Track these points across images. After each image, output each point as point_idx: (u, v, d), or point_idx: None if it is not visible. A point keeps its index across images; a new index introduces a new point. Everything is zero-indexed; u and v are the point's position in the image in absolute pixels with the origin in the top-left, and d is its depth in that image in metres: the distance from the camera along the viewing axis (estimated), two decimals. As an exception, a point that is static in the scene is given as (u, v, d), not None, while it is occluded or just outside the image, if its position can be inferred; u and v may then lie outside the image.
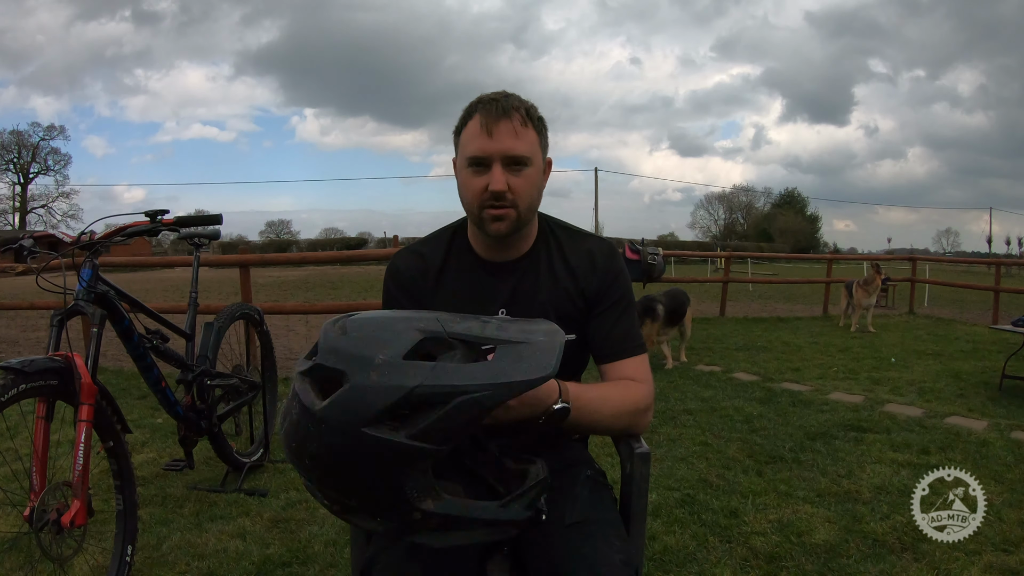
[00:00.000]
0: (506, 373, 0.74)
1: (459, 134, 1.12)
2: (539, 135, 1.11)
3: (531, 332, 0.78)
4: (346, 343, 0.75)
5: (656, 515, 2.36)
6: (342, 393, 0.72)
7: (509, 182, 1.07)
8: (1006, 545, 2.11)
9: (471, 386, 0.72)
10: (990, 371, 5.06)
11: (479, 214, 1.10)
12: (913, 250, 43.35)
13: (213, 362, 2.51)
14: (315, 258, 10.87)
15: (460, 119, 1.13)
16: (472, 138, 1.08)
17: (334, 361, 0.74)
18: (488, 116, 1.07)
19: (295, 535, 2.23)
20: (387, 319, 0.79)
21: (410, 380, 0.72)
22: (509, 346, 0.76)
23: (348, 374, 0.73)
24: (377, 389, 0.71)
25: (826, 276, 10.57)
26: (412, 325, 0.76)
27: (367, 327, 0.78)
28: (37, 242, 1.89)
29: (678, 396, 4.23)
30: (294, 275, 22.36)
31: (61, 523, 1.57)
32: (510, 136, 1.07)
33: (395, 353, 0.73)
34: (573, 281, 1.17)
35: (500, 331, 0.78)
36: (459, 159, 1.13)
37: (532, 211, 1.14)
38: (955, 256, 43.45)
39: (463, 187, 1.12)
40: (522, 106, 1.09)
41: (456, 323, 0.77)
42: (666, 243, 36.00)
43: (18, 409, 1.57)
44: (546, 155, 1.16)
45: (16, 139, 44.61)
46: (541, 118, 1.12)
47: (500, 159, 1.07)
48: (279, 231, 55.99)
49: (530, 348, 0.77)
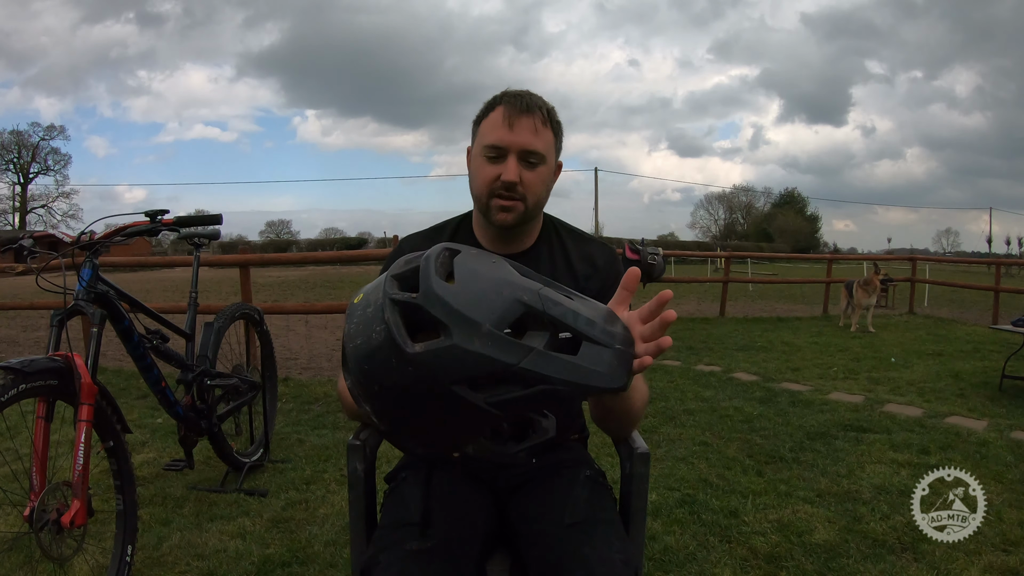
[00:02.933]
0: (589, 376, 0.77)
1: (479, 123, 1.15)
2: (555, 137, 1.15)
3: (612, 335, 0.80)
4: (454, 296, 0.74)
5: (656, 515, 2.36)
6: (442, 347, 0.73)
7: (522, 175, 1.10)
8: (1006, 545, 2.11)
9: (557, 379, 0.75)
10: (990, 371, 5.06)
11: (487, 202, 1.12)
12: (913, 250, 43.38)
13: (213, 362, 2.50)
14: (315, 258, 10.87)
15: (483, 109, 1.15)
16: (493, 128, 1.11)
17: (439, 312, 0.74)
18: (512, 109, 1.10)
19: (295, 535, 2.23)
20: (496, 281, 0.78)
21: (509, 357, 0.73)
22: (595, 347, 0.78)
23: (452, 330, 0.73)
24: (477, 357, 0.73)
25: (826, 276, 10.57)
26: (516, 294, 0.77)
27: (476, 283, 0.77)
28: (37, 242, 1.89)
29: (678, 396, 4.23)
30: (294, 275, 22.35)
31: (61, 523, 1.57)
32: (530, 132, 1.10)
33: (499, 322, 0.74)
34: (574, 282, 1.17)
35: (589, 327, 0.79)
36: (475, 147, 1.15)
37: (539, 208, 1.16)
38: (955, 256, 43.45)
39: (475, 174, 1.14)
40: (544, 106, 1.13)
41: (552, 304, 0.78)
42: (666, 243, 36.00)
43: (18, 409, 1.57)
44: (558, 158, 1.19)
45: (16, 139, 44.65)
46: (559, 122, 1.16)
47: (517, 152, 1.10)
48: (279, 231, 56.02)
49: (611, 355, 0.79)
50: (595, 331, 0.79)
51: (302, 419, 3.71)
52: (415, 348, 0.74)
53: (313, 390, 4.46)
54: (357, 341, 0.78)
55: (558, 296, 0.80)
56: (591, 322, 0.79)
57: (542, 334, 0.77)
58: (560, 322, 0.77)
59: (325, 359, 5.90)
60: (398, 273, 0.80)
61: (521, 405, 0.76)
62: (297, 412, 3.87)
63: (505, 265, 0.83)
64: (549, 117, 1.13)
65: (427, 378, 0.74)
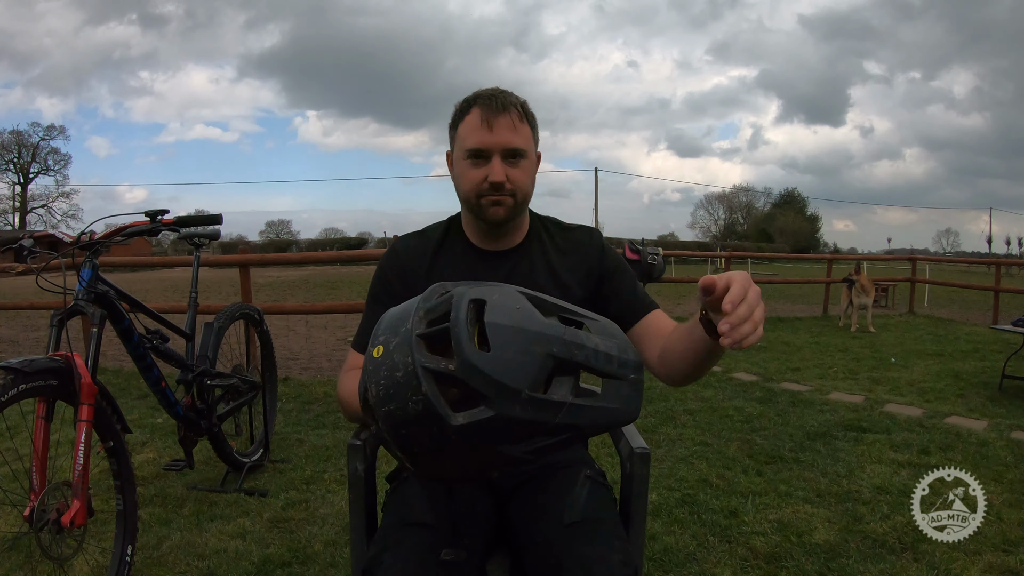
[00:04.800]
0: (611, 416, 0.81)
1: (455, 127, 1.17)
2: (532, 130, 1.18)
3: (625, 364, 0.82)
4: (491, 366, 0.74)
5: (656, 515, 2.36)
6: (485, 418, 0.74)
7: (507, 173, 1.13)
8: (1006, 545, 2.11)
9: (585, 425, 0.79)
10: (990, 371, 5.06)
11: (477, 202, 1.14)
12: (913, 250, 43.40)
13: (213, 362, 2.50)
14: (315, 258, 10.88)
15: (456, 113, 1.17)
16: (472, 131, 1.13)
17: (479, 383, 0.74)
18: (488, 110, 1.12)
19: (295, 535, 2.22)
20: (526, 337, 0.77)
21: (547, 417, 0.76)
22: (613, 383, 0.81)
23: (494, 401, 0.74)
24: (521, 422, 0.75)
25: (826, 276, 10.56)
26: (546, 348, 0.77)
27: (509, 346, 0.76)
28: (37, 242, 1.88)
29: (678, 396, 4.23)
30: (294, 275, 22.36)
31: (61, 523, 1.57)
32: (509, 130, 1.12)
33: (535, 383, 0.76)
34: (572, 273, 1.21)
35: (608, 363, 0.81)
36: (456, 151, 1.17)
37: (527, 200, 1.19)
38: (955, 256, 43.44)
39: (461, 178, 1.16)
40: (518, 102, 1.16)
41: (577, 349, 0.79)
42: (666, 243, 36.01)
43: (18, 409, 1.57)
44: (537, 148, 1.22)
45: (16, 139, 44.67)
46: (533, 114, 1.19)
47: (499, 152, 1.12)
48: (279, 231, 56.02)
49: (628, 389, 0.82)
50: (613, 367, 0.81)
51: (302, 419, 3.71)
52: (459, 420, 0.74)
53: (313, 390, 4.45)
54: (391, 407, 0.76)
55: (579, 336, 0.81)
56: (610, 358, 0.81)
57: (568, 379, 0.80)
58: (585, 365, 0.80)
59: (325, 359, 5.91)
60: (425, 332, 0.78)
61: (552, 449, 0.80)
62: (297, 412, 3.87)
63: (527, 306, 0.81)
64: (524, 111, 1.15)
65: (470, 445, 0.76)
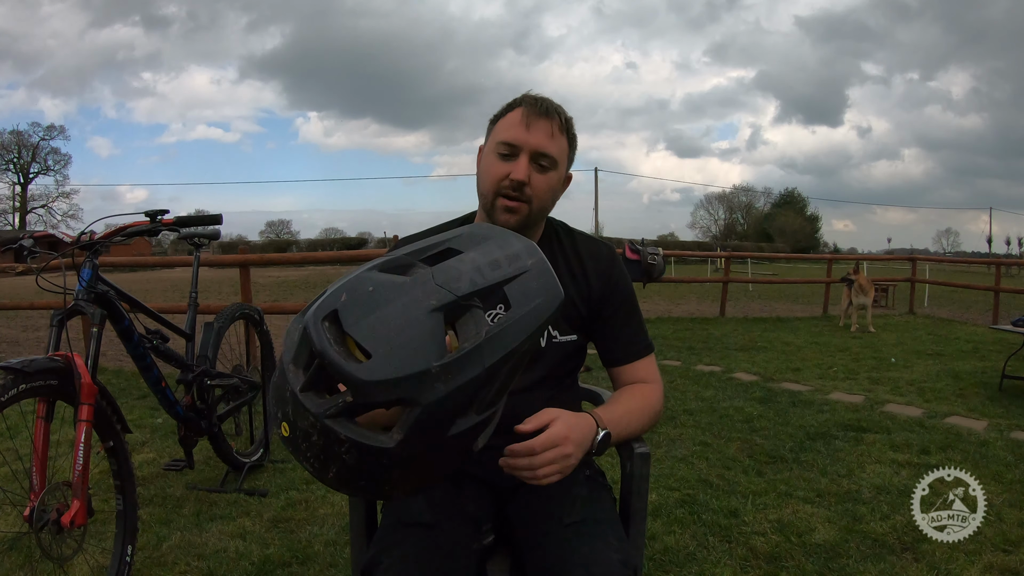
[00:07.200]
0: (534, 314, 0.72)
1: (495, 122, 1.15)
2: (570, 147, 1.16)
3: (516, 257, 0.75)
4: (381, 368, 0.66)
5: (656, 515, 2.36)
6: (417, 420, 0.67)
7: (531, 176, 1.10)
8: (1006, 545, 2.11)
9: (519, 344, 0.71)
10: (990, 371, 5.06)
11: (493, 201, 1.12)
12: (913, 250, 43.40)
13: (213, 362, 2.50)
14: (315, 258, 10.90)
15: (501, 109, 1.16)
16: (510, 126, 1.11)
17: (387, 394, 0.66)
18: (531, 110, 1.11)
19: (295, 535, 2.22)
20: (395, 309, 0.69)
21: (476, 369, 0.68)
22: (519, 281, 0.74)
23: (415, 397, 0.66)
24: (453, 396, 0.68)
25: (826, 276, 10.57)
26: (424, 307, 0.69)
27: (386, 335, 0.67)
28: (37, 242, 1.88)
29: (678, 396, 4.23)
30: (294, 275, 22.34)
31: (61, 523, 1.57)
32: (545, 134, 1.10)
33: (438, 348, 0.67)
34: (576, 285, 1.18)
35: (497, 270, 0.74)
36: (488, 144, 1.15)
37: (543, 213, 1.16)
38: (955, 256, 43.44)
39: (485, 171, 1.14)
40: (563, 114, 1.14)
41: (453, 280, 0.72)
42: (666, 243, 35.98)
43: (18, 409, 1.57)
44: (569, 169, 1.19)
45: (16, 139, 44.64)
46: (575, 135, 1.17)
47: (530, 152, 1.10)
48: (279, 231, 55.95)
49: (532, 279, 0.74)
50: (506, 269, 0.74)
51: (302, 419, 3.70)
52: (396, 437, 0.68)
53: (313, 390, 4.45)
54: (332, 471, 0.71)
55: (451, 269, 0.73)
56: (496, 263, 0.74)
57: (472, 315, 0.72)
58: (477, 292, 0.72)
59: (325, 359, 5.90)
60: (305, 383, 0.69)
61: (504, 385, 0.73)
62: (297, 412, 3.86)
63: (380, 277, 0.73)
64: (566, 126, 1.14)
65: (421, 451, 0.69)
